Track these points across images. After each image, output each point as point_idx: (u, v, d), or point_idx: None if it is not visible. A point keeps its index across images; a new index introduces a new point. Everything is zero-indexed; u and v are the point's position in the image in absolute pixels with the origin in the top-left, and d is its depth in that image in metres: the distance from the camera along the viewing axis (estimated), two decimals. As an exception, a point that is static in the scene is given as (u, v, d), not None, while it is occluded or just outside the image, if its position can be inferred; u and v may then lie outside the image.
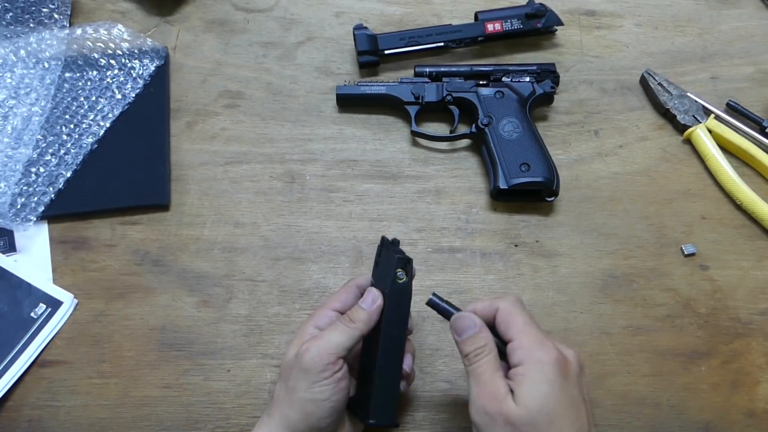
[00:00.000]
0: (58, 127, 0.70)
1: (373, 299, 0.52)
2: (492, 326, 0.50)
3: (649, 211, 0.70)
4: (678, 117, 0.73)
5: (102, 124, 0.71)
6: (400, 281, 0.52)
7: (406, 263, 0.53)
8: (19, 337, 0.62)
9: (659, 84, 0.74)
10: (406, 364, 0.54)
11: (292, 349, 0.52)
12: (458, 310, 0.52)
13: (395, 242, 0.55)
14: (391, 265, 0.53)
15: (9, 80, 0.71)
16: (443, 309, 0.52)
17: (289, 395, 0.51)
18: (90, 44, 0.73)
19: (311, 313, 0.56)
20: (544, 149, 0.68)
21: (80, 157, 0.69)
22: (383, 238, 0.56)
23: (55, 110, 0.71)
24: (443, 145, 0.73)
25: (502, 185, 0.67)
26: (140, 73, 0.73)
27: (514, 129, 0.69)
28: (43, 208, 0.66)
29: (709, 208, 0.70)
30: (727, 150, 0.72)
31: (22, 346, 0.62)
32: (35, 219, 0.66)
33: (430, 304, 0.52)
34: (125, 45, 0.74)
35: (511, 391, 0.45)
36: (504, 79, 0.72)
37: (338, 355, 0.50)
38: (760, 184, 0.71)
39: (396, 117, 0.74)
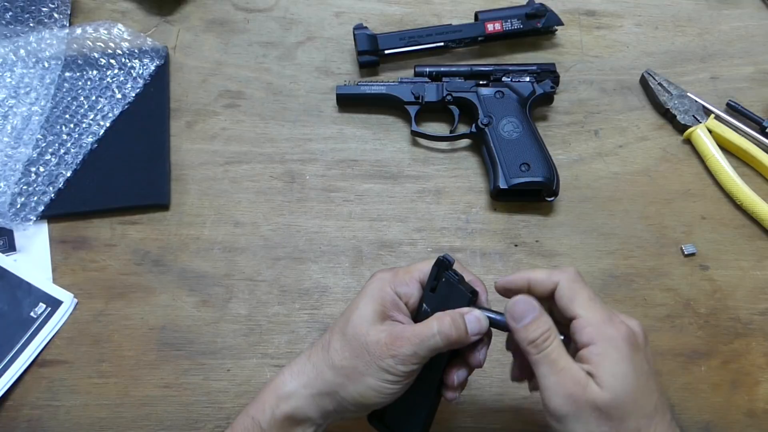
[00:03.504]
0: (58, 127, 0.70)
1: (481, 332, 0.47)
2: (545, 299, 0.46)
3: (649, 211, 0.70)
4: (678, 117, 0.73)
5: (102, 123, 0.71)
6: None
7: (476, 295, 0.50)
8: (18, 337, 0.62)
9: (659, 84, 0.74)
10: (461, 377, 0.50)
11: (367, 309, 0.47)
12: (471, 295, 0.48)
13: (451, 261, 0.49)
14: (460, 300, 0.48)
15: (9, 80, 0.71)
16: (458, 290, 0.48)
17: (355, 374, 0.46)
18: (90, 44, 0.73)
19: (392, 268, 0.51)
20: (544, 149, 0.68)
21: (80, 157, 0.69)
22: (441, 262, 0.49)
23: (55, 110, 0.71)
24: (443, 145, 0.73)
25: (502, 185, 0.67)
26: (140, 72, 0.73)
27: (514, 129, 0.69)
28: (43, 208, 0.66)
29: (709, 208, 0.70)
30: (727, 150, 0.72)
31: (22, 346, 0.62)
32: (35, 218, 0.66)
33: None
34: (125, 44, 0.74)
35: (589, 374, 0.42)
36: (504, 79, 0.72)
37: (421, 364, 0.47)
38: (760, 184, 0.71)
39: (396, 117, 0.74)
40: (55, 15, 0.74)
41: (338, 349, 0.47)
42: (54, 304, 0.64)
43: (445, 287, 0.49)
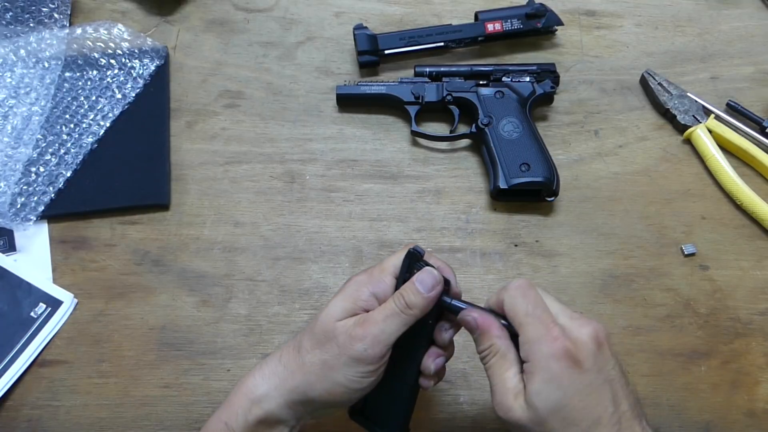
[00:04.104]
0: (58, 127, 0.70)
1: (434, 284, 0.47)
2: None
3: (649, 211, 0.70)
4: (678, 117, 0.73)
5: (102, 123, 0.71)
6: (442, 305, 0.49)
7: (449, 286, 0.50)
8: (19, 337, 0.62)
9: (659, 84, 0.74)
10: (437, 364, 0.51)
11: (338, 306, 0.48)
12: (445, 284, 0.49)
13: (421, 252, 0.49)
14: None
15: (9, 80, 0.71)
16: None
17: (323, 369, 0.46)
18: (90, 44, 0.73)
19: (366, 270, 0.51)
20: (544, 149, 0.68)
21: (80, 157, 0.69)
22: (411, 254, 0.49)
23: (55, 110, 0.71)
24: (443, 145, 0.73)
25: (502, 185, 0.67)
26: (140, 72, 0.73)
27: (514, 129, 0.69)
28: (43, 208, 0.66)
29: (709, 208, 0.70)
30: (727, 150, 0.72)
31: (22, 346, 0.62)
32: (35, 218, 0.66)
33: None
34: (125, 45, 0.74)
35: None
36: (504, 79, 0.72)
37: (390, 344, 0.46)
38: (760, 184, 0.71)
39: (396, 117, 0.74)
40: (55, 15, 0.74)
41: (308, 348, 0.48)
42: (54, 304, 0.64)
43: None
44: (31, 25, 0.74)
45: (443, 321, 0.51)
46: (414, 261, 0.49)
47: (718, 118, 0.73)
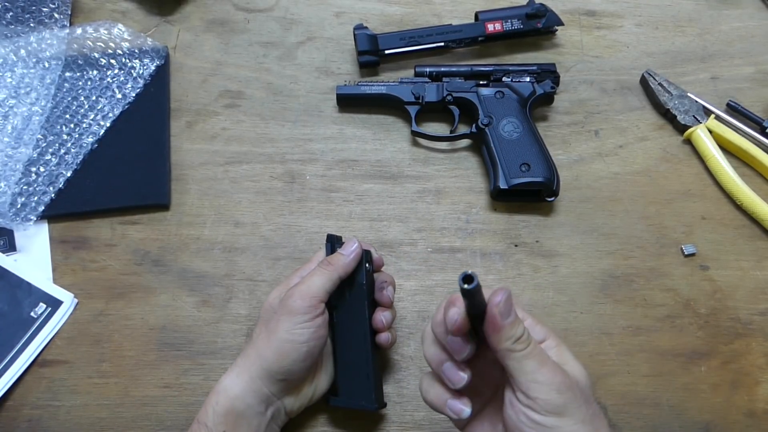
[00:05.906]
0: (59, 127, 0.70)
1: (353, 248, 0.56)
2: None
3: (649, 211, 0.70)
4: (678, 117, 0.73)
5: (102, 123, 0.71)
6: (368, 271, 0.58)
7: (370, 255, 0.58)
8: (19, 337, 0.62)
9: (659, 84, 0.74)
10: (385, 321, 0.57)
11: (275, 293, 0.56)
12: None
13: (339, 239, 0.59)
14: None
15: (9, 80, 0.71)
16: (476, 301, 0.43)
17: (268, 336, 0.53)
18: (90, 44, 0.73)
19: (297, 267, 0.60)
20: (544, 149, 0.68)
21: (80, 157, 0.69)
22: (330, 236, 0.59)
23: (55, 110, 0.71)
24: (443, 145, 0.73)
25: (503, 185, 0.67)
26: (140, 72, 0.73)
27: (514, 129, 0.69)
28: (43, 208, 0.66)
29: (709, 208, 0.70)
30: (727, 150, 0.72)
31: (22, 346, 0.62)
32: (35, 218, 0.66)
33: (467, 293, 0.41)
34: (125, 44, 0.74)
35: None
36: (504, 79, 0.72)
37: (319, 298, 0.53)
38: (760, 184, 0.71)
39: (396, 117, 0.74)
40: (56, 15, 0.74)
41: (257, 331, 0.55)
42: (54, 304, 0.64)
43: None
44: (32, 25, 0.74)
45: (379, 281, 0.58)
46: (335, 242, 0.58)
47: (718, 118, 0.73)
